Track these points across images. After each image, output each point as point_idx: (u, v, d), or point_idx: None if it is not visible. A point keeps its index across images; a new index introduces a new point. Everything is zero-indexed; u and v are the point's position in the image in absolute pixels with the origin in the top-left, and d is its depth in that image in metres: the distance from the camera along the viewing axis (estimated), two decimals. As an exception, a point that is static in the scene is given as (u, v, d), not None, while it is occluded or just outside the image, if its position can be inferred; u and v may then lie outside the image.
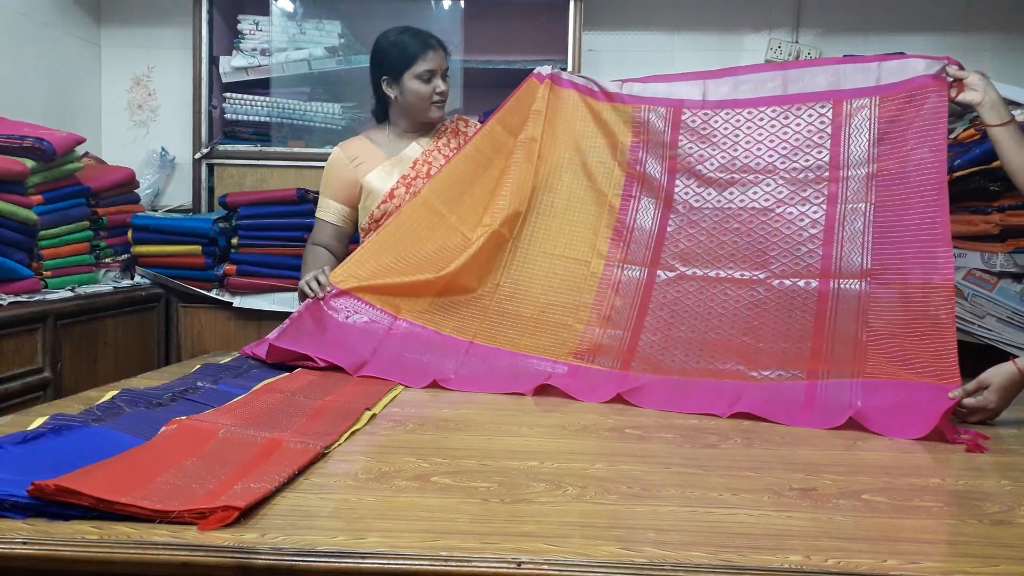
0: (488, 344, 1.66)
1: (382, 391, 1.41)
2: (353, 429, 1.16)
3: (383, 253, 1.71)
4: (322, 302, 1.64)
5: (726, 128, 1.70)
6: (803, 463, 1.10)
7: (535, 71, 1.82)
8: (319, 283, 1.66)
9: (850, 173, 1.60)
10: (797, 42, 2.84)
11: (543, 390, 1.52)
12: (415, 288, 1.69)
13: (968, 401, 1.32)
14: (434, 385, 1.52)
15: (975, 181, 1.96)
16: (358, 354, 1.57)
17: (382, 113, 1.93)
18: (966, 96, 1.47)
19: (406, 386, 1.50)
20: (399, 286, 1.68)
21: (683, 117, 1.72)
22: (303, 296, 1.69)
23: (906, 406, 1.33)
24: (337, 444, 1.09)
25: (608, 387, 1.50)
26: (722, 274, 1.64)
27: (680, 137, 1.71)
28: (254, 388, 1.34)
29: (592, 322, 1.68)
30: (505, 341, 1.69)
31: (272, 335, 1.62)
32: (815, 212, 1.61)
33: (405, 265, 1.71)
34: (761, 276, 1.60)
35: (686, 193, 1.71)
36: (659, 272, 1.69)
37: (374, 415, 1.26)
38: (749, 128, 1.68)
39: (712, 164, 1.69)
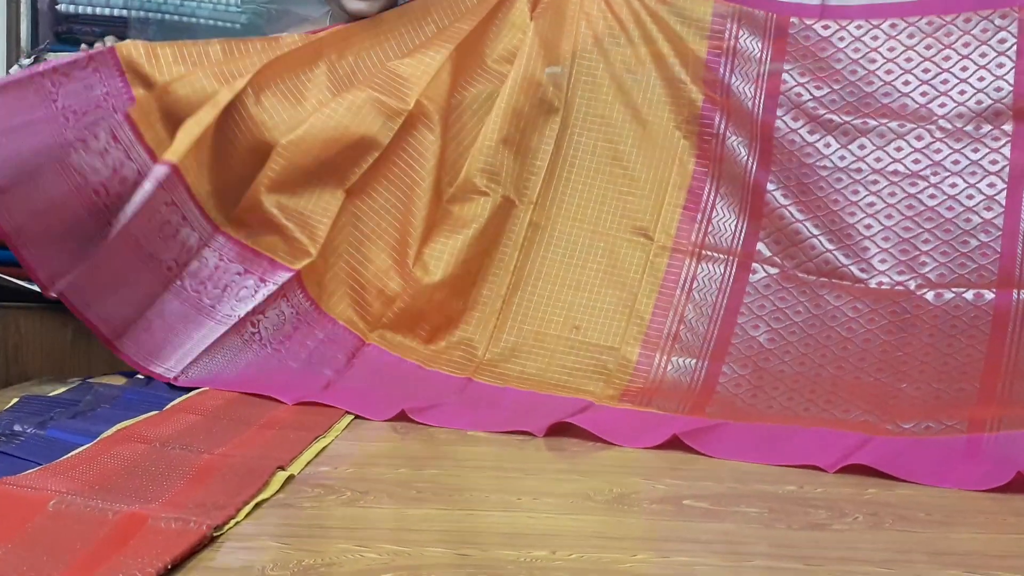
0: (493, 383, 1.70)
1: (305, 439, 1.40)
2: (259, 498, 1.16)
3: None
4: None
5: (856, 49, 1.71)
6: (962, 554, 1.10)
7: None
8: None
9: None
10: None
11: (560, 430, 1.53)
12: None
13: None
14: (400, 418, 1.55)
15: None
16: (303, 388, 1.62)
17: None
18: None
19: (359, 417, 1.55)
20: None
21: (791, 30, 1.73)
22: None
23: None
24: (234, 522, 1.08)
25: (662, 428, 1.51)
26: (847, 277, 1.64)
27: (786, 58, 1.72)
28: (103, 435, 1.33)
29: (651, 343, 1.69)
30: (518, 376, 1.72)
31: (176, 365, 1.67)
32: (991, 184, 1.62)
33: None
34: (908, 282, 1.61)
35: (792, 141, 1.70)
36: (754, 267, 1.70)
37: (292, 477, 1.26)
38: (891, 50, 1.70)
39: (833, 101, 1.70)
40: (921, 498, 1.30)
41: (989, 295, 1.57)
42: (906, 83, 1.68)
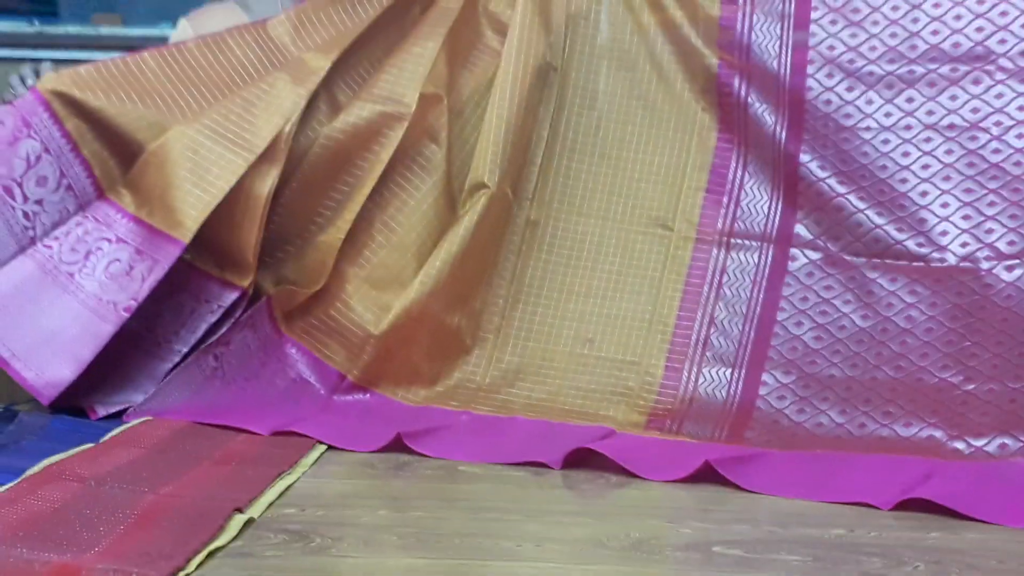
0: (497, 413, 1.73)
1: (267, 476, 1.41)
2: (213, 546, 1.16)
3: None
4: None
5: None
6: (1041, 608, 1.10)
7: None
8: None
9: None
10: None
11: (574, 464, 1.54)
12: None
13: None
14: (396, 446, 1.57)
15: None
16: (273, 421, 1.64)
17: None
18: None
19: (331, 448, 1.57)
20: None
21: None
22: None
23: None
24: (184, 575, 1.08)
25: (694, 457, 1.52)
26: (903, 256, 1.65)
27: (814, 3, 1.73)
28: (29, 471, 1.33)
29: (678, 353, 1.71)
30: (525, 403, 1.74)
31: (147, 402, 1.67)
32: None
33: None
34: (975, 255, 1.61)
35: (827, 102, 1.71)
36: (793, 252, 1.71)
37: (251, 520, 1.26)
38: None
39: (873, 48, 1.71)
40: (994, 542, 1.30)
41: None
42: (958, 17, 1.68)
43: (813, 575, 1.18)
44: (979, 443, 1.55)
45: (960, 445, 1.56)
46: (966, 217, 1.64)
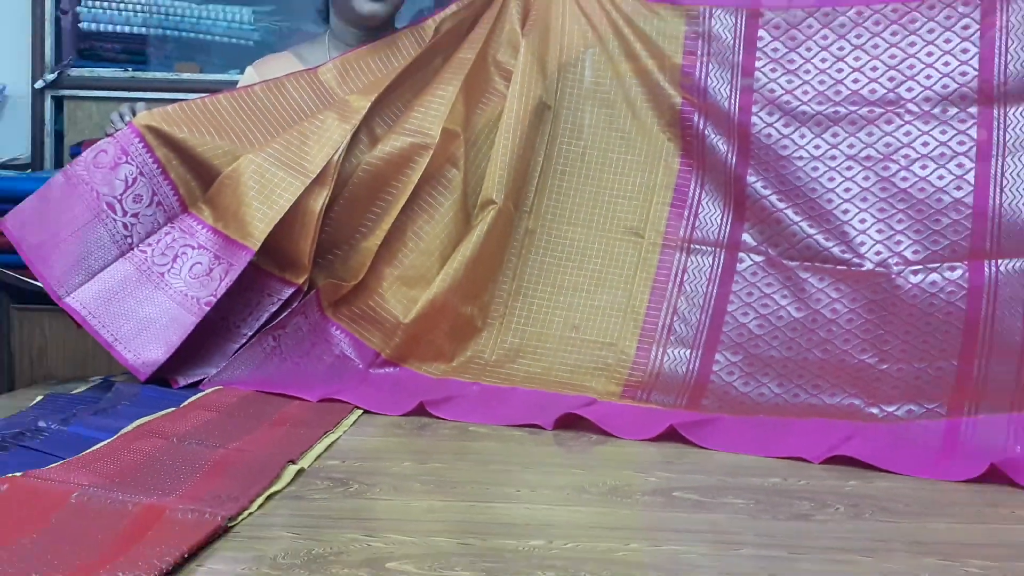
0: (501, 384, 1.72)
1: (314, 435, 1.41)
2: (271, 491, 1.16)
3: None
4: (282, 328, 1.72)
5: (825, 38, 1.71)
6: (937, 542, 1.10)
7: None
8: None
9: (1010, 106, 1.61)
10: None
11: (563, 426, 1.55)
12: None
13: None
14: (419, 411, 1.58)
15: None
16: (321, 390, 1.64)
17: (325, 13, 2.02)
18: None
19: (368, 411, 1.57)
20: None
21: (761, 24, 1.73)
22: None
23: None
24: (247, 513, 1.08)
25: (661, 421, 1.53)
26: (829, 260, 1.65)
27: (758, 55, 1.73)
28: (123, 430, 1.33)
29: (647, 337, 1.71)
30: (524, 376, 1.74)
31: (215, 374, 1.68)
32: (960, 164, 1.62)
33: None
34: (888, 263, 1.61)
35: (768, 135, 1.71)
36: (740, 256, 1.71)
37: (302, 471, 1.26)
38: (858, 38, 1.70)
39: (806, 92, 1.71)
40: (900, 489, 1.30)
41: (963, 271, 1.57)
42: (874, 69, 1.67)
43: (755, 515, 1.18)
44: (890, 409, 1.55)
45: (875, 411, 1.55)
46: (880, 231, 1.64)
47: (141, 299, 1.67)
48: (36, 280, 1.72)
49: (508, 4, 1.86)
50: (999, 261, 1.56)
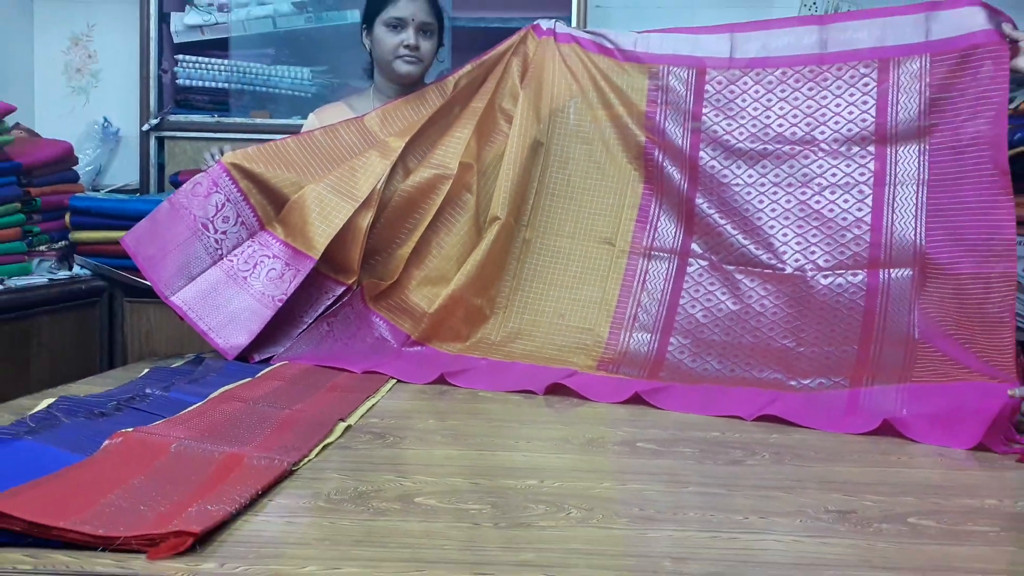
0: (504, 359, 1.72)
1: (359, 399, 1.41)
2: (325, 443, 1.17)
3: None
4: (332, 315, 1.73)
5: (757, 91, 1.71)
6: (841, 482, 1.10)
7: (534, 23, 1.87)
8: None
9: (899, 146, 1.60)
10: (837, -5, 2.83)
11: (551, 392, 1.55)
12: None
13: (1029, 404, 1.33)
14: (440, 381, 1.59)
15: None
16: (364, 364, 1.64)
17: (370, 72, 2.02)
18: (1019, 62, 1.47)
19: (400, 380, 1.57)
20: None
21: (707, 79, 1.73)
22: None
23: (954, 409, 1.34)
24: (307, 460, 1.09)
25: (627, 388, 1.53)
26: (758, 265, 1.65)
27: (704, 104, 1.73)
28: (211, 396, 1.34)
29: (617, 324, 1.71)
30: (522, 353, 1.74)
31: (284, 350, 1.69)
32: (860, 191, 1.62)
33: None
34: (804, 268, 1.61)
35: (712, 167, 1.72)
36: (690, 261, 1.71)
37: (349, 427, 1.27)
38: (783, 91, 1.69)
39: (741, 133, 1.70)
40: (812, 441, 1.31)
41: (862, 276, 1.58)
42: (795, 116, 1.68)
43: (699, 460, 1.19)
44: (806, 381, 1.55)
45: (794, 383, 1.55)
46: (798, 243, 1.64)
47: (229, 297, 1.67)
48: (144, 280, 1.72)
49: (511, 64, 1.86)
50: (891, 270, 1.56)
